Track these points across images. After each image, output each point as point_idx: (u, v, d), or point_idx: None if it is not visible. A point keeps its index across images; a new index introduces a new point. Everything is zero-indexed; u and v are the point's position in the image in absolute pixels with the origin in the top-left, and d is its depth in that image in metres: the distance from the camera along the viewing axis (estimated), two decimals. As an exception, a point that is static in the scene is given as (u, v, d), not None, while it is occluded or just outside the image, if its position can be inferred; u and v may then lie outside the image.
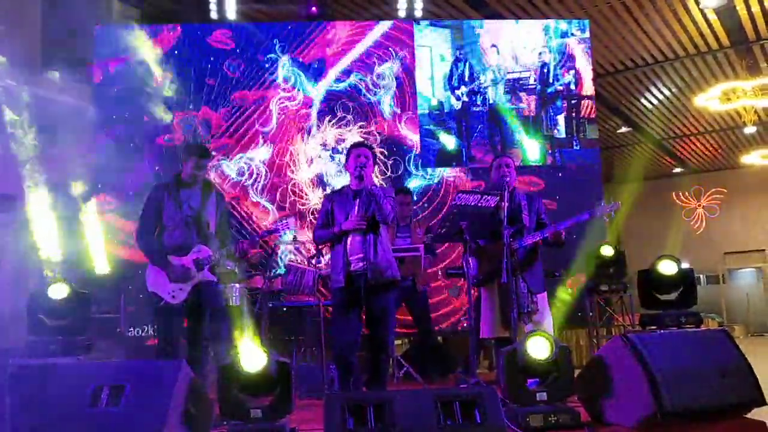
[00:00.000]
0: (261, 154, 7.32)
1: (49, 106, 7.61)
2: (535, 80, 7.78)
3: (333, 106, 7.50)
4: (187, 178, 4.30)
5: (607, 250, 6.84)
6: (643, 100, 12.38)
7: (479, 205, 4.06)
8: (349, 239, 4.02)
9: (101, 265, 6.49)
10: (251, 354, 3.22)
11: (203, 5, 7.59)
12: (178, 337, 4.22)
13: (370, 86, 7.54)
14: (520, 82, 7.77)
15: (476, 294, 4.56)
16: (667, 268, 4.94)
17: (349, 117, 7.46)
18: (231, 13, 7.53)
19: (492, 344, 4.63)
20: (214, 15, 7.50)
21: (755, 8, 8.85)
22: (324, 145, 7.43)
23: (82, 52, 8.55)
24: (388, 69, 7.59)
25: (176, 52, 7.37)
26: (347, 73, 7.56)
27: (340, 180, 6.98)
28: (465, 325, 6.73)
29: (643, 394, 3.21)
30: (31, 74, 7.58)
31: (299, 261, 6.71)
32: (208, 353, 4.73)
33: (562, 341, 3.52)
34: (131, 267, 6.41)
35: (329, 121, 7.45)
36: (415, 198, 6.84)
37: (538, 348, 3.44)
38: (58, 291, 4.51)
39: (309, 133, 7.43)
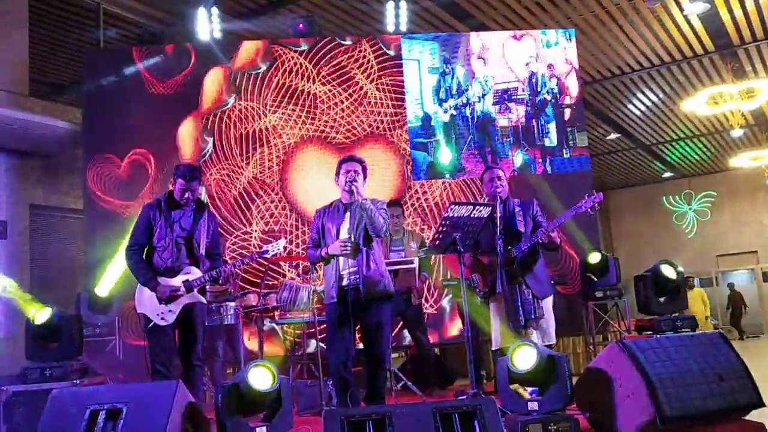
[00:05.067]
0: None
1: (36, 130, 7.60)
2: (523, 90, 7.84)
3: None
4: (179, 198, 4.29)
5: (594, 258, 6.86)
6: (631, 107, 12.48)
7: (472, 216, 4.07)
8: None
9: (103, 288, 6.45)
10: (259, 372, 3.22)
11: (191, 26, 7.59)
12: (171, 358, 4.19)
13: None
14: (509, 92, 7.82)
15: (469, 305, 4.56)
16: (670, 272, 4.98)
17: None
18: (216, 31, 7.54)
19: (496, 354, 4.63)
20: (204, 36, 7.49)
21: (738, 12, 8.96)
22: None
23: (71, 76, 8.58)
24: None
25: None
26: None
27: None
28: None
29: (642, 400, 3.21)
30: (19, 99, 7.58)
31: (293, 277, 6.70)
32: (204, 373, 4.69)
33: (558, 350, 3.52)
34: (124, 288, 6.38)
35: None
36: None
37: (523, 358, 3.45)
38: (42, 316, 4.50)
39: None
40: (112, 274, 6.51)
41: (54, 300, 5.66)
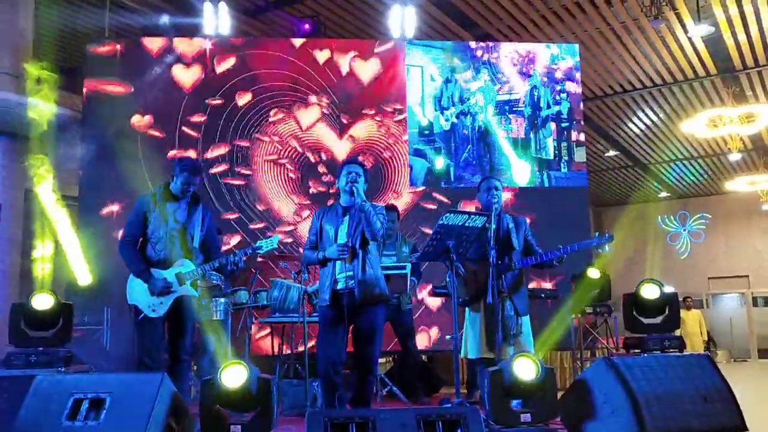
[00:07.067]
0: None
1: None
2: (524, 103, 7.86)
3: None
4: (176, 191, 4.28)
5: (594, 273, 6.88)
6: (630, 125, 12.53)
7: (466, 225, 4.07)
8: None
9: (83, 276, 6.43)
10: (232, 370, 3.20)
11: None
12: (159, 351, 4.18)
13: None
14: (510, 104, 7.84)
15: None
16: (649, 292, 4.98)
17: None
18: (224, 28, 7.54)
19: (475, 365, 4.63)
20: (209, 31, 7.50)
21: (741, 37, 9.02)
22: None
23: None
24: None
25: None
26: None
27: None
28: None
29: (626, 417, 3.22)
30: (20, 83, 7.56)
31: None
32: (191, 367, 4.68)
33: (546, 363, 3.52)
34: (115, 278, 6.36)
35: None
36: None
37: (525, 369, 3.43)
38: (43, 302, 4.45)
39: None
40: (81, 262, 6.50)
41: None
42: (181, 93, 7.34)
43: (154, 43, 7.45)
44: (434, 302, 7.16)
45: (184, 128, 7.28)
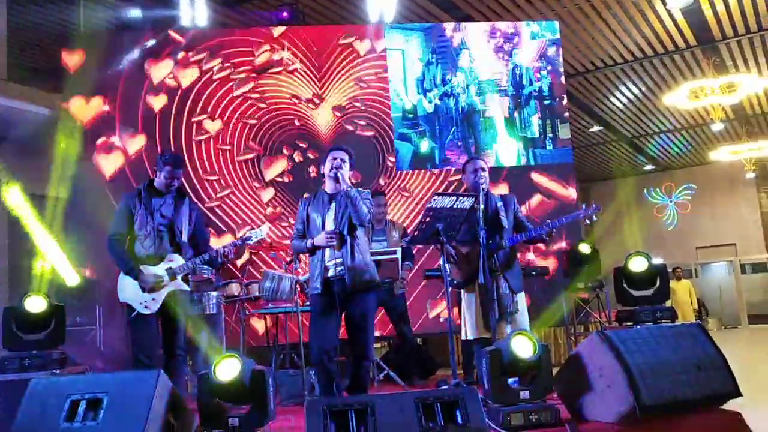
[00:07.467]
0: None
1: (14, 116, 7.49)
2: (507, 82, 7.85)
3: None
4: (160, 186, 4.25)
5: (585, 248, 6.92)
6: (613, 99, 12.56)
7: (454, 207, 4.06)
8: None
9: (71, 277, 6.38)
10: (225, 363, 3.19)
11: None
12: (154, 348, 4.16)
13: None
14: (493, 84, 7.83)
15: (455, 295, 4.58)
16: (638, 264, 5.02)
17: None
18: (202, 19, 7.47)
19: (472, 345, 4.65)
20: (186, 22, 7.42)
21: (720, 8, 9.03)
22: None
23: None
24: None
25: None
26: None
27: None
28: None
29: (621, 390, 3.25)
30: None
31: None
32: (186, 362, 4.66)
33: (541, 339, 3.54)
34: (105, 277, 6.32)
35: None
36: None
37: (522, 347, 3.45)
38: (35, 304, 4.41)
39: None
40: (66, 263, 6.47)
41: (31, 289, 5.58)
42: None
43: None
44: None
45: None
